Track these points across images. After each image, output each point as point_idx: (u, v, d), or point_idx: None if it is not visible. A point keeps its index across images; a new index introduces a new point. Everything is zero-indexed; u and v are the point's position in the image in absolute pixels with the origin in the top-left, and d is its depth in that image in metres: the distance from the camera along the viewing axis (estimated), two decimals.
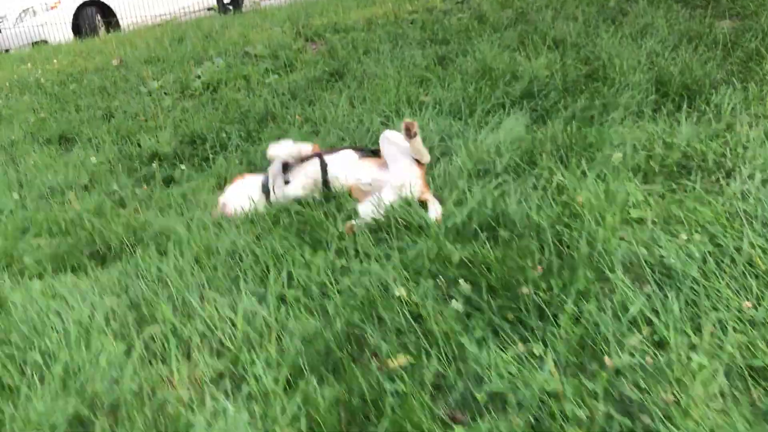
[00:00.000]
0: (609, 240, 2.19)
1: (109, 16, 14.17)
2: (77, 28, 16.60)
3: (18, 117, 5.94)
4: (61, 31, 17.34)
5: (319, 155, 3.11)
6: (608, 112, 3.51)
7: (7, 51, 16.70)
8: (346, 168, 3.08)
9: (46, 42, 18.34)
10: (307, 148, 3.14)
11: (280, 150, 3.08)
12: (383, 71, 5.17)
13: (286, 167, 3.10)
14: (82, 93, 6.37)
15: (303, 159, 3.09)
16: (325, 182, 3.04)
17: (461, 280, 2.13)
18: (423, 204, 2.85)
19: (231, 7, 12.82)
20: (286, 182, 3.07)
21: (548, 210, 2.51)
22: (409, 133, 2.90)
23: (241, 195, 3.15)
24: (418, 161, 2.98)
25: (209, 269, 2.55)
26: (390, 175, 2.97)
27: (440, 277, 2.22)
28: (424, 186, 2.95)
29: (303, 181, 3.06)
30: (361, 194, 2.98)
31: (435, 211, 2.84)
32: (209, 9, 14.22)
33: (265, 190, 3.14)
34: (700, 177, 2.69)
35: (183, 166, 3.86)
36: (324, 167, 3.04)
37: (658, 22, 5.09)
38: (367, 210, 2.81)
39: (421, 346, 1.94)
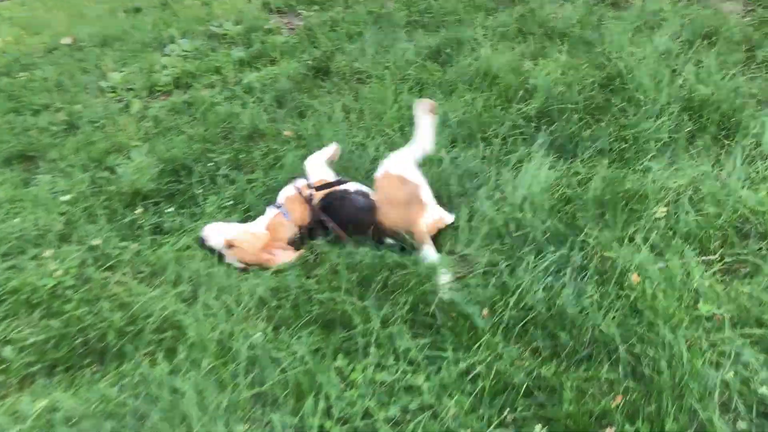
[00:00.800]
0: (692, 362, 1.96)
1: None
2: None
3: None
4: None
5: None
6: (640, 146, 3.23)
7: None
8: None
9: None
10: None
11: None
12: (374, 68, 4.76)
13: None
14: (36, 88, 5.76)
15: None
16: None
17: (538, 426, 1.88)
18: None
19: None
20: None
21: (608, 303, 2.27)
22: None
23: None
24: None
25: (229, 383, 2.25)
26: None
27: (509, 409, 1.98)
28: None
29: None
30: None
31: None
32: None
33: None
34: (763, 246, 2.48)
35: (171, 209, 3.47)
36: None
37: (665, 8, 4.78)
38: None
39: None
